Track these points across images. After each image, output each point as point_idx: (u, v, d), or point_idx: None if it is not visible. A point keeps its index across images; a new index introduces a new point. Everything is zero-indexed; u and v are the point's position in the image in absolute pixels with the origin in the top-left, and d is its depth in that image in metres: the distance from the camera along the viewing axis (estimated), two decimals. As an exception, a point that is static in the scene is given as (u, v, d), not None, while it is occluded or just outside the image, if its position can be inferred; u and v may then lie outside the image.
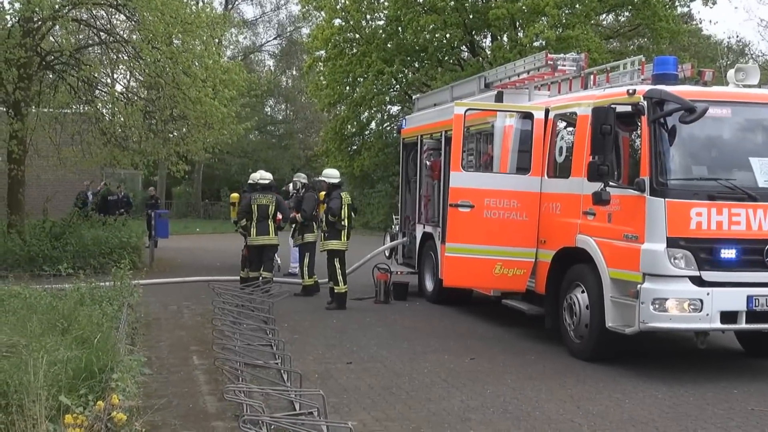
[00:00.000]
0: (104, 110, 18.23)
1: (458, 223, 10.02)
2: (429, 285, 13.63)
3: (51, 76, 18.15)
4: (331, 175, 13.54)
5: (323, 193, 13.43)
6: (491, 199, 10.01)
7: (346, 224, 12.83)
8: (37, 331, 6.88)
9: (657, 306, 7.95)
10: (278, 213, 13.78)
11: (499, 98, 11.52)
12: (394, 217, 16.18)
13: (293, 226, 14.68)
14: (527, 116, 10.29)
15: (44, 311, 8.12)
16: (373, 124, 33.08)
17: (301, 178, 15.31)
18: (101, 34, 17.40)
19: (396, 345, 9.78)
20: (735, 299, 8.02)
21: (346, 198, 12.98)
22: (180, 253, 21.69)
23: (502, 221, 10.02)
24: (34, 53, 16.55)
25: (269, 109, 53.41)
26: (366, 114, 31.90)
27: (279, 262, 16.72)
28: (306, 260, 14.08)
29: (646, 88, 8.54)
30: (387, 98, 31.47)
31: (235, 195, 15.32)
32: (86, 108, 18.11)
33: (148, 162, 19.91)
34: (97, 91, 18.22)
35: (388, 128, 32.67)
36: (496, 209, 10.03)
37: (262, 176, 14.13)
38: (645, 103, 8.33)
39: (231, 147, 24.47)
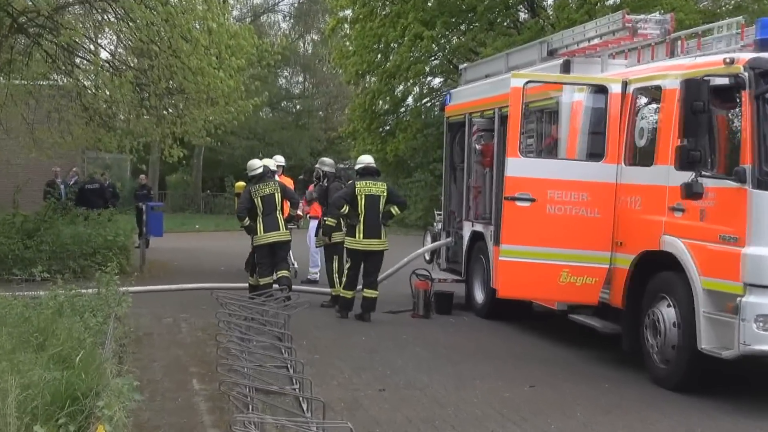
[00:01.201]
0: (86, 82, 18.28)
1: (515, 220, 10.04)
2: (479, 296, 13.62)
3: (24, 41, 18.20)
4: (359, 161, 13.74)
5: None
6: (556, 191, 10.01)
7: (362, 219, 12.97)
8: (7, 347, 6.96)
9: (762, 324, 7.86)
10: (284, 201, 13.93)
11: (565, 68, 11.48)
12: (435, 212, 16.12)
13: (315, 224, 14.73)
14: (600, 90, 10.26)
15: (15, 323, 8.20)
16: (410, 100, 32.99)
17: (325, 165, 15.29)
18: (84, -10, 17.50)
19: (438, 369, 9.76)
20: None
21: (364, 188, 13.07)
22: (176, 254, 21.68)
23: (569, 218, 9.99)
24: (4, 14, 16.60)
25: (284, 81, 53.63)
26: (401, 87, 31.80)
27: (296, 266, 16.88)
28: (335, 264, 14.19)
29: (748, 56, 8.45)
30: (427, 68, 31.34)
31: (240, 184, 15.49)
32: (65, 80, 18.20)
33: (139, 145, 19.86)
34: (78, 60, 18.28)
35: (429, 105, 32.53)
36: (562, 203, 10.01)
37: (250, 167, 14.19)
38: (747, 74, 8.26)
39: (237, 127, 24.46)
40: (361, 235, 13.02)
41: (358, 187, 13.09)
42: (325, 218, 14.10)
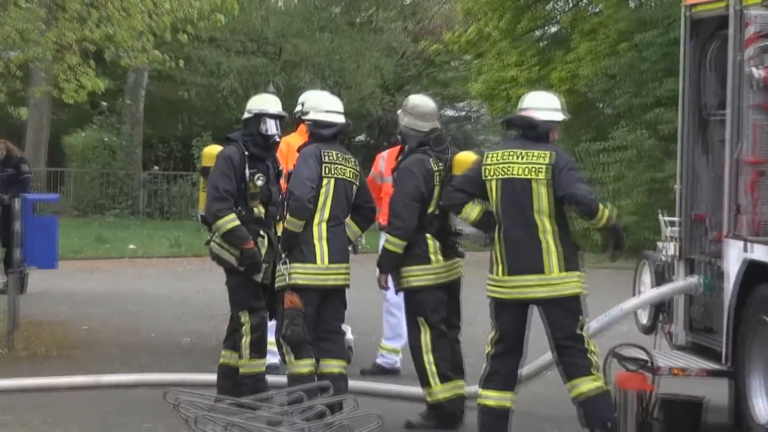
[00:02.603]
0: None
1: None
2: (763, 407, 12.39)
3: None
4: (527, 104, 12.73)
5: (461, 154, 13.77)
6: None
7: (499, 233, 12.29)
8: None
9: None
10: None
11: None
12: (661, 218, 14.84)
13: None
14: None
15: None
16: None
17: (408, 111, 13.69)
18: None
19: None
20: None
21: (498, 165, 12.39)
22: (86, 307, 21.31)
23: None
24: None
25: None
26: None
27: (351, 337, 15.61)
28: (424, 336, 13.14)
29: None
30: None
31: (211, 150, 14.41)
32: None
33: (9, 70, 18.88)
34: None
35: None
36: None
37: (318, 105, 13.56)
38: None
39: (223, 30, 24.53)
40: (502, 269, 11.91)
41: (487, 163, 12.07)
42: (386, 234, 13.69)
